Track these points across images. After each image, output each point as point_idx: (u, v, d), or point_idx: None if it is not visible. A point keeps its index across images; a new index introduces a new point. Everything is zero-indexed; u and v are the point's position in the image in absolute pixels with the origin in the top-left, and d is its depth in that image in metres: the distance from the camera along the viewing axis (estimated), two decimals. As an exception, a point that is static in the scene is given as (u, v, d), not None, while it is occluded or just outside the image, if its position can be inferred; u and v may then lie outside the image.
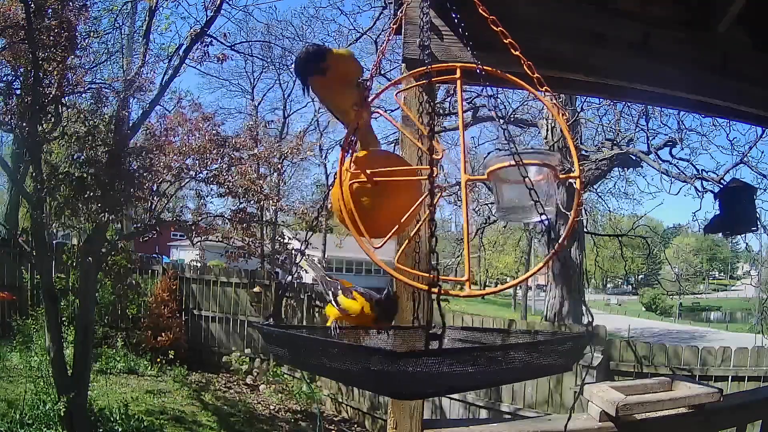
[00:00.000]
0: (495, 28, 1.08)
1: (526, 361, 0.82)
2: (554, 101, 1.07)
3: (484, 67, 1.04)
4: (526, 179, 0.91)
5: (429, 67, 1.04)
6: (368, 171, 1.08)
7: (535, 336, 1.28)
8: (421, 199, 1.10)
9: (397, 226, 1.09)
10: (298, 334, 1.06)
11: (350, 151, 1.12)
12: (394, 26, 1.40)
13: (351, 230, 1.04)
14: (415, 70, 1.16)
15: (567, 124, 1.11)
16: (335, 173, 1.10)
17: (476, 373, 0.76)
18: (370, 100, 1.19)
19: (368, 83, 1.18)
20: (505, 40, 1.06)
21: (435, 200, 0.96)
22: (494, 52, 1.10)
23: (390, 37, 1.37)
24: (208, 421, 6.18)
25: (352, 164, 1.10)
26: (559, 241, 0.99)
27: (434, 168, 1.12)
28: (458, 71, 1.05)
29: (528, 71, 1.05)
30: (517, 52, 1.05)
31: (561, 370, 0.94)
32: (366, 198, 1.09)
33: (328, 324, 1.10)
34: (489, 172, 1.01)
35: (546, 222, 0.95)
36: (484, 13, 1.10)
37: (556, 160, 1.04)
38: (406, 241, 1.21)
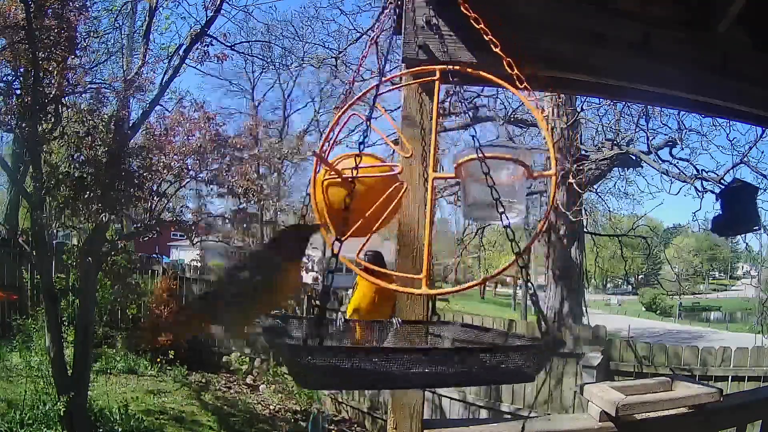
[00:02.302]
0: (476, 26, 1.08)
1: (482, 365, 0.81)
2: (534, 98, 1.07)
3: (467, 69, 1.05)
4: (487, 176, 0.90)
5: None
6: (340, 168, 1.09)
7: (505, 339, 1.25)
8: (398, 197, 1.10)
9: (379, 223, 1.09)
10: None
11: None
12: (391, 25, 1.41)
13: (331, 228, 1.05)
14: (410, 70, 1.16)
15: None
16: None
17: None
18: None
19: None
20: (485, 37, 1.06)
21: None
22: (493, 52, 1.10)
23: (388, 35, 1.37)
24: (208, 421, 6.18)
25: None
26: (531, 240, 0.99)
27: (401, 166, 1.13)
28: (438, 73, 1.07)
29: (507, 68, 1.04)
30: (497, 49, 1.04)
31: (521, 380, 0.90)
32: (339, 196, 1.09)
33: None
34: (457, 166, 1.00)
35: (508, 222, 0.93)
36: (465, 11, 1.09)
37: (528, 157, 1.03)
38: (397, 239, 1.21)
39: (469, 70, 1.04)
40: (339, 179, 1.07)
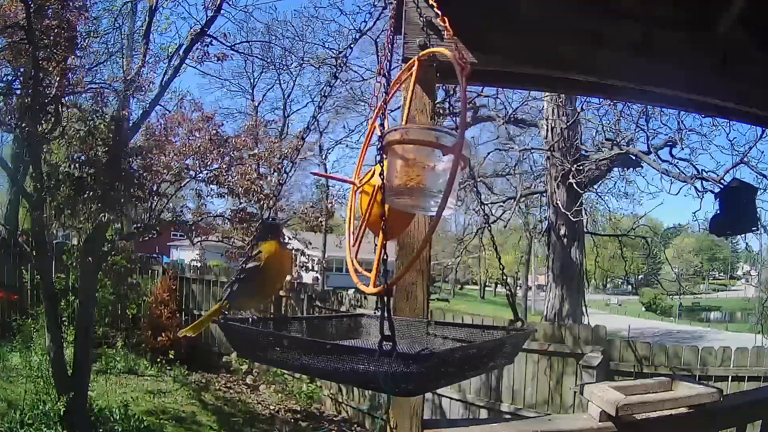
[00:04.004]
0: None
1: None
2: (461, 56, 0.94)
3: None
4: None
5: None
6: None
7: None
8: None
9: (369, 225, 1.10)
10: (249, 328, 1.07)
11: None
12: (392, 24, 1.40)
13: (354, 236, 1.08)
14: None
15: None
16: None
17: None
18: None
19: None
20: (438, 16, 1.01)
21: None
22: (494, 53, 1.10)
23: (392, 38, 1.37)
24: (208, 421, 6.18)
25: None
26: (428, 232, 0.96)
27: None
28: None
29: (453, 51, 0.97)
30: (447, 34, 1.00)
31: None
32: (367, 204, 1.11)
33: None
34: (386, 144, 0.91)
35: (436, 212, 0.82)
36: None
37: (451, 141, 0.89)
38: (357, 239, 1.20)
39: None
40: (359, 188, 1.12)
